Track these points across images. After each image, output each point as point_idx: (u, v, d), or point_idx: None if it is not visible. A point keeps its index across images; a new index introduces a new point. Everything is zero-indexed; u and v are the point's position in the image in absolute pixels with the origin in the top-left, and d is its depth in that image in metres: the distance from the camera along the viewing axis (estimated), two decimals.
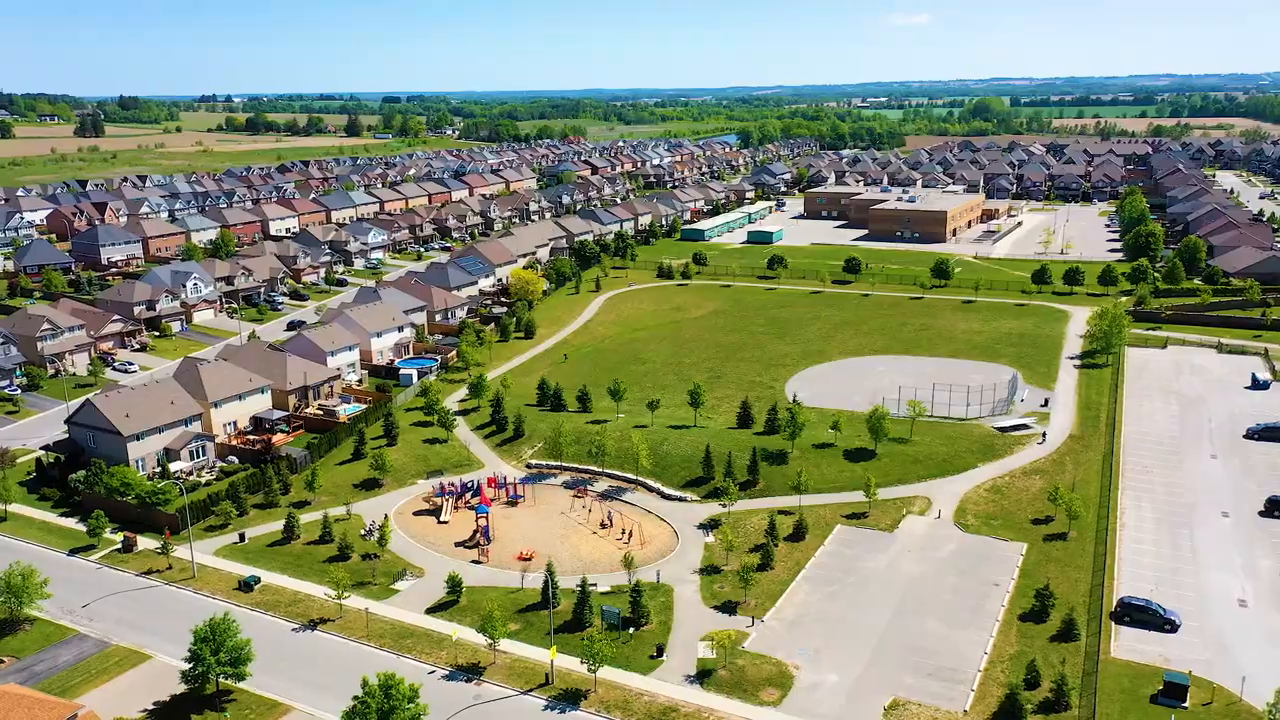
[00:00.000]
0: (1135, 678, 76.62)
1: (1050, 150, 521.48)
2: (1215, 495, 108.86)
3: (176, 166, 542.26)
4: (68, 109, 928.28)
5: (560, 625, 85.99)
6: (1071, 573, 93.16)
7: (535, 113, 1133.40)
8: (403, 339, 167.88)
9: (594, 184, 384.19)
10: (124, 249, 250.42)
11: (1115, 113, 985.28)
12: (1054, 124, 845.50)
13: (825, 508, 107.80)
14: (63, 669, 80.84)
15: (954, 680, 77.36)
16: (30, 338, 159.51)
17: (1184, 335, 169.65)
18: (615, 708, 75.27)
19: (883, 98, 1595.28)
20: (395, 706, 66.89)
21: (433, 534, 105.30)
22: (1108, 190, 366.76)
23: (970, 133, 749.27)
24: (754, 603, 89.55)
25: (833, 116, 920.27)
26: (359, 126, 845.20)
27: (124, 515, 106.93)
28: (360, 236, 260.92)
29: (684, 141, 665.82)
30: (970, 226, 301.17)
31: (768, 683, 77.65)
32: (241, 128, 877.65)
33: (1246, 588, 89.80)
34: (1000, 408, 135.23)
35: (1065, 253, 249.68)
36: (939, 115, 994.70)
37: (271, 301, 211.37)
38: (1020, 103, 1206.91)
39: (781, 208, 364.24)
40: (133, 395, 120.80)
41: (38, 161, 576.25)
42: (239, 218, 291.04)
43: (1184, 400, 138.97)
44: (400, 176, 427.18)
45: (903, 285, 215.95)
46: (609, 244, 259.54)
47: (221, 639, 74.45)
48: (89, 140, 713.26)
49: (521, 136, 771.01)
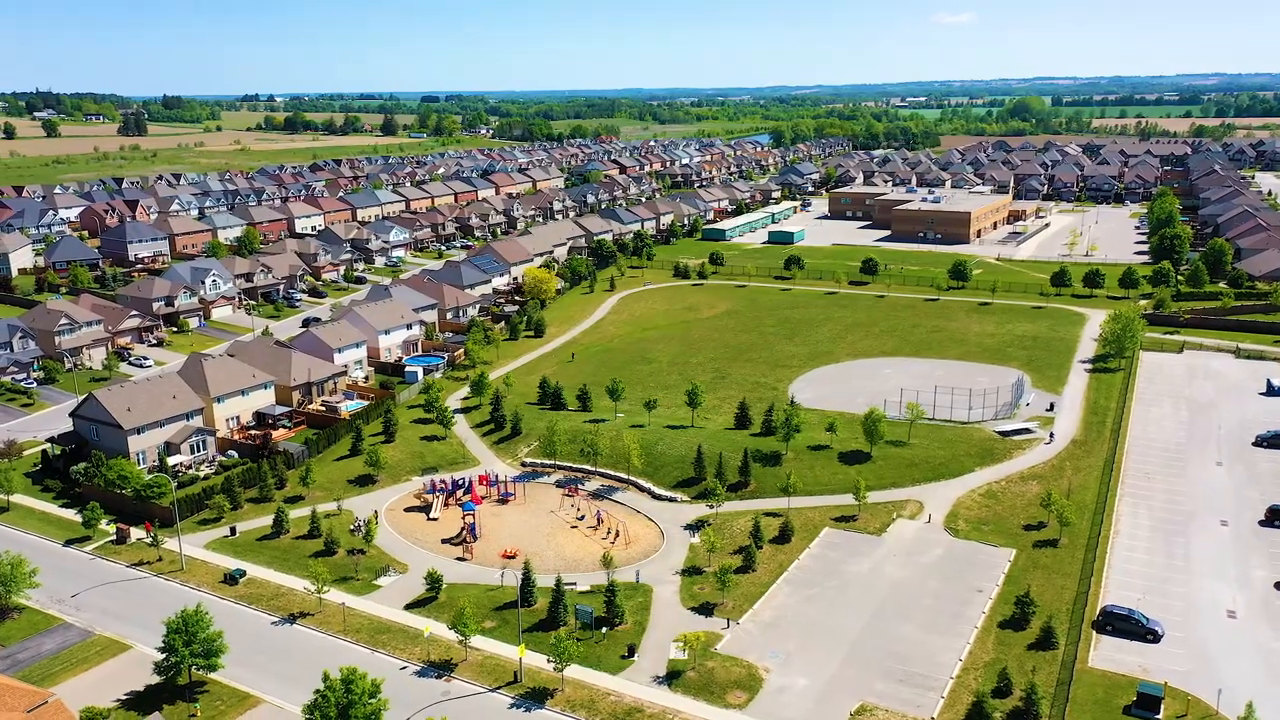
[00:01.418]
0: (1111, 688, 75.20)
1: (1086, 151, 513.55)
2: (1216, 503, 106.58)
3: (214, 165, 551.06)
4: (112, 108, 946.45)
5: (535, 624, 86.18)
6: (1058, 580, 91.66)
7: (571, 112, 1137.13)
8: (411, 337, 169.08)
9: (619, 183, 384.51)
10: (151, 245, 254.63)
11: (1159, 113, 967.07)
12: (1094, 124, 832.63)
13: (814, 510, 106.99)
14: (45, 657, 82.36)
15: (925, 687, 76.40)
16: (48, 332, 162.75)
17: (1201, 339, 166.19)
18: (581, 707, 75.24)
19: (922, 97, 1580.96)
20: (354, 701, 67.36)
21: (421, 531, 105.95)
22: (1140, 191, 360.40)
23: (1007, 133, 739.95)
24: (731, 604, 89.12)
25: (868, 116, 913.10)
26: (394, 126, 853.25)
27: (121, 507, 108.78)
28: (382, 235, 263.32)
29: (715, 141, 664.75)
30: (996, 228, 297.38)
31: (736, 685, 77.20)
32: (280, 127, 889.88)
33: (1238, 598, 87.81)
34: (1004, 411, 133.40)
35: (1090, 255, 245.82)
36: (977, 115, 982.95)
37: (289, 298, 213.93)
38: (1062, 102, 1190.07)
39: (807, 208, 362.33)
40: (135, 389, 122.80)
41: (80, 159, 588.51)
42: (265, 216, 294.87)
43: (1195, 406, 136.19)
44: (429, 175, 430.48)
45: (919, 287, 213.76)
46: (627, 244, 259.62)
47: (194, 631, 75.47)
48: (131, 139, 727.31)
49: (555, 136, 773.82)
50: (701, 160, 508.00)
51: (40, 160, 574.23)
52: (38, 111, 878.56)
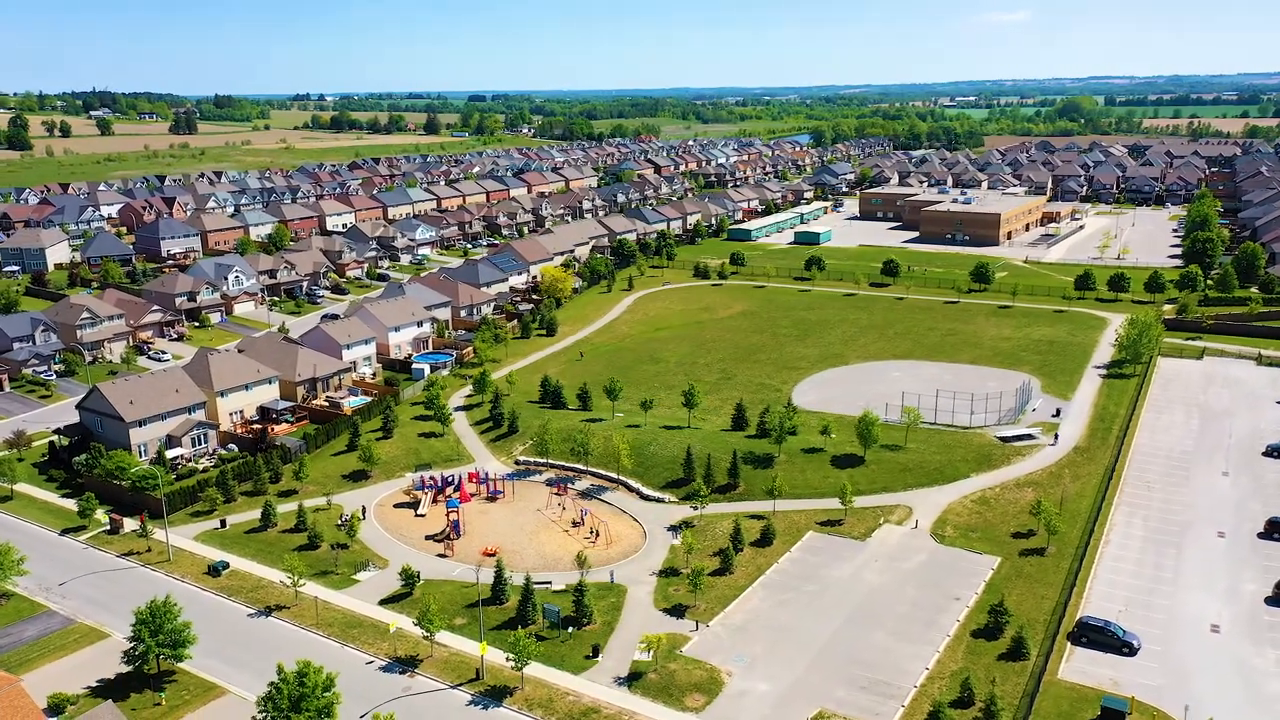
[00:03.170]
0: (1077, 701, 73.54)
1: (1132, 151, 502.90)
2: (1215, 514, 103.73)
3: (259, 163, 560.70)
4: (165, 107, 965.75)
5: (505, 621, 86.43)
6: (1039, 589, 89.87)
7: (614, 111, 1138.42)
8: (422, 334, 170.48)
9: (651, 183, 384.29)
10: (183, 242, 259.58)
11: (1214, 113, 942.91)
12: (1144, 124, 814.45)
13: (800, 514, 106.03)
14: (24, 643, 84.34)
15: (886, 695, 75.32)
16: (70, 326, 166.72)
17: (1224, 345, 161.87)
18: (538, 706, 75.31)
19: (972, 96, 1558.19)
20: (306, 694, 68.10)
21: (407, 527, 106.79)
22: (1182, 193, 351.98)
23: (1054, 133, 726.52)
24: (704, 607, 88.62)
25: (913, 116, 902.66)
26: (437, 125, 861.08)
27: (118, 498, 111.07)
28: (408, 233, 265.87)
29: (755, 141, 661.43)
30: (1028, 229, 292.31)
31: (696, 688, 76.73)
32: (326, 126, 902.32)
33: (1224, 612, 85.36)
34: (1008, 417, 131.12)
35: (1122, 258, 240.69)
36: (1025, 115, 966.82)
37: (312, 295, 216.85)
38: (1115, 102, 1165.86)
39: (839, 208, 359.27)
40: (138, 383, 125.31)
41: (130, 157, 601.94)
42: (297, 213, 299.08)
43: (1208, 413, 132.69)
44: (463, 174, 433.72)
45: (940, 289, 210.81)
46: (650, 243, 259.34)
47: (160, 621, 76.81)
48: (181, 137, 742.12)
49: (594, 135, 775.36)
50: (737, 160, 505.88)
51: (92, 158, 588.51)
52: (94, 111, 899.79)
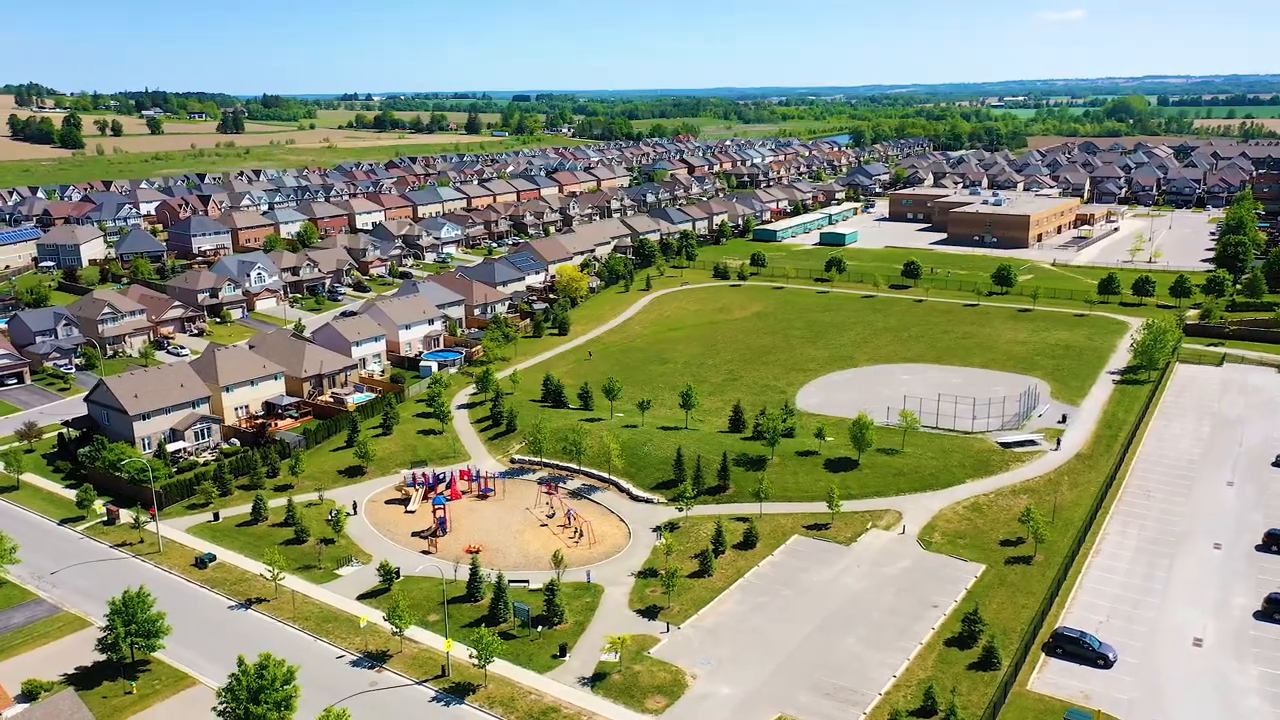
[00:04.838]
0: (1043, 713, 72.13)
1: (1178, 152, 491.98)
2: (1214, 525, 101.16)
3: (300, 161, 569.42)
4: (214, 106, 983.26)
5: (478, 619, 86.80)
6: (1020, 598, 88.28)
7: (656, 111, 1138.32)
8: (433, 332, 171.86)
9: (682, 183, 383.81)
10: (214, 239, 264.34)
11: (1271, 113, 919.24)
12: (1195, 124, 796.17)
13: (787, 517, 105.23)
14: (9, 630, 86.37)
15: (849, 702, 74.45)
16: (92, 320, 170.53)
17: (1245, 352, 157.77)
18: (499, 704, 75.55)
19: (1021, 96, 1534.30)
20: (265, 686, 68.93)
21: (395, 523, 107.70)
22: (1224, 196, 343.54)
23: (1101, 133, 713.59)
24: (678, 609, 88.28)
25: (956, 116, 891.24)
26: (478, 124, 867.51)
27: (118, 490, 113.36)
28: (434, 231, 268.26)
29: (793, 141, 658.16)
30: (1060, 231, 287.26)
31: (659, 690, 76.46)
32: (370, 125, 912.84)
33: (1209, 626, 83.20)
34: (1012, 422, 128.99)
35: (1154, 261, 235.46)
36: (1072, 115, 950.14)
37: (333, 292, 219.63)
38: (1168, 102, 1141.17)
39: (870, 209, 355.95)
40: (144, 377, 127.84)
41: (178, 156, 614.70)
42: (327, 211, 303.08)
43: (1220, 421, 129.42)
44: (496, 174, 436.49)
45: (960, 292, 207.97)
46: (672, 243, 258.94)
47: (133, 611, 78.26)
48: (227, 136, 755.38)
49: (633, 135, 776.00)
50: (772, 160, 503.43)
51: (140, 157, 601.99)
52: (146, 110, 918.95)
